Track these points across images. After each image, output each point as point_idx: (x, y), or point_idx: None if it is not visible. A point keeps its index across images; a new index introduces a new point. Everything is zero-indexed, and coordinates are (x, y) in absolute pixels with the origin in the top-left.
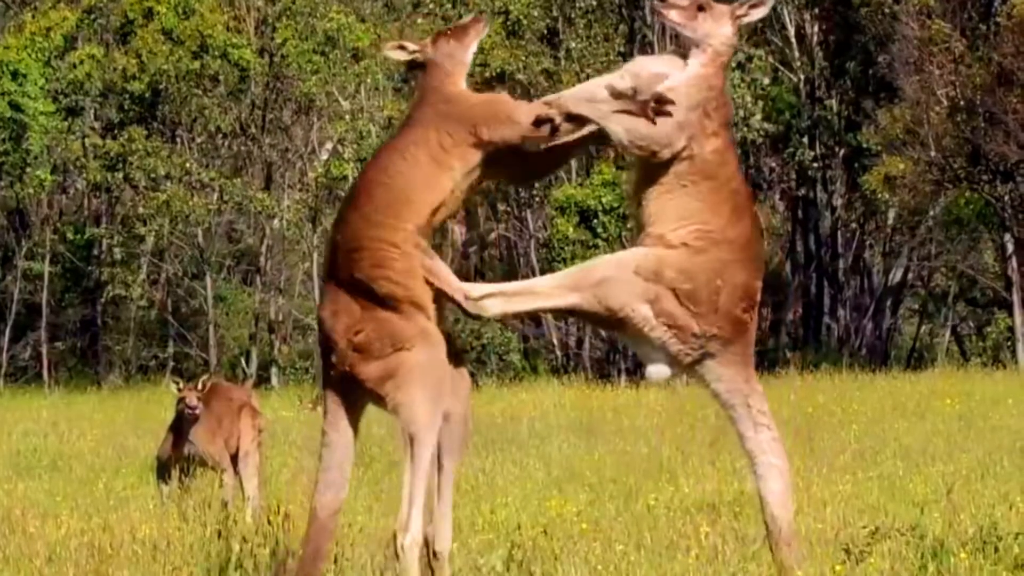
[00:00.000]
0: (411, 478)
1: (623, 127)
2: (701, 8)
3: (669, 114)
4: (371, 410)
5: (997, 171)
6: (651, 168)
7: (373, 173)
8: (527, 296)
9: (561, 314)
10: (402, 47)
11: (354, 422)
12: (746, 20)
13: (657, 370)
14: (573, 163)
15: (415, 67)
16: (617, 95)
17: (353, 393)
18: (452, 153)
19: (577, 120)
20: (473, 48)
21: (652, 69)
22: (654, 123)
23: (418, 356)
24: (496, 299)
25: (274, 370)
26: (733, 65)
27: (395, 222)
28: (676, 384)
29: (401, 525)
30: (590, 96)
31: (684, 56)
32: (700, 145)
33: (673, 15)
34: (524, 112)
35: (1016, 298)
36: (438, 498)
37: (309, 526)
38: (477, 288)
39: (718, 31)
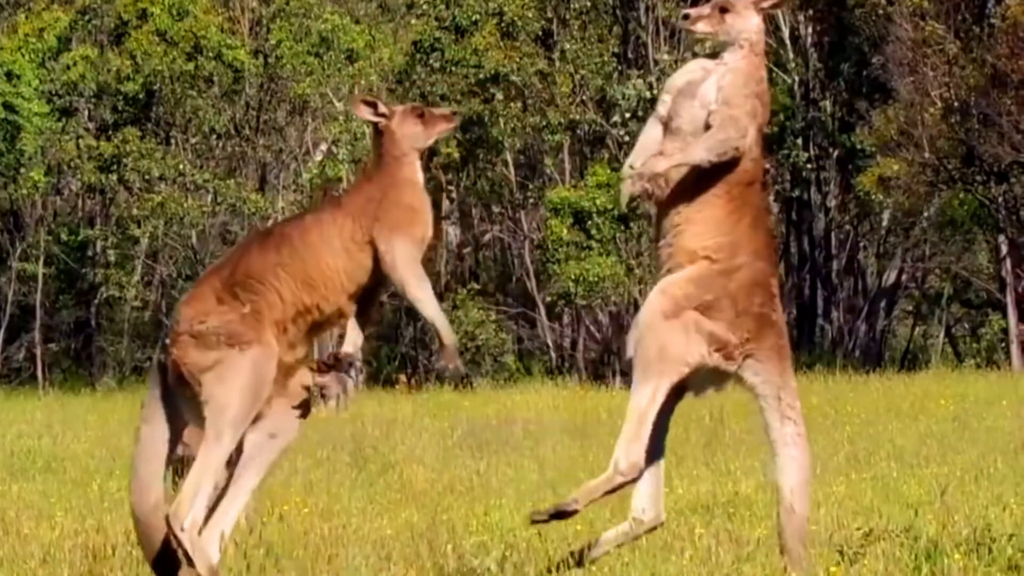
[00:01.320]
0: (200, 471)
1: (704, 150)
2: (724, 10)
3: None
4: (370, 410)
5: (991, 172)
6: (687, 179)
7: (294, 231)
8: (640, 420)
9: (674, 403)
10: (373, 106)
11: (171, 419)
12: (768, 5)
13: (704, 393)
14: (567, 165)
15: (377, 130)
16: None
17: (175, 388)
18: (363, 249)
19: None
20: (435, 138)
21: (682, 80)
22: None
23: (247, 357)
24: (623, 446)
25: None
26: None
27: (288, 280)
28: None
29: (179, 514)
30: (658, 151)
31: (713, 56)
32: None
33: (701, 26)
34: (412, 266)
35: (1010, 299)
36: (225, 507)
37: (136, 529)
38: (621, 459)
39: (748, 25)
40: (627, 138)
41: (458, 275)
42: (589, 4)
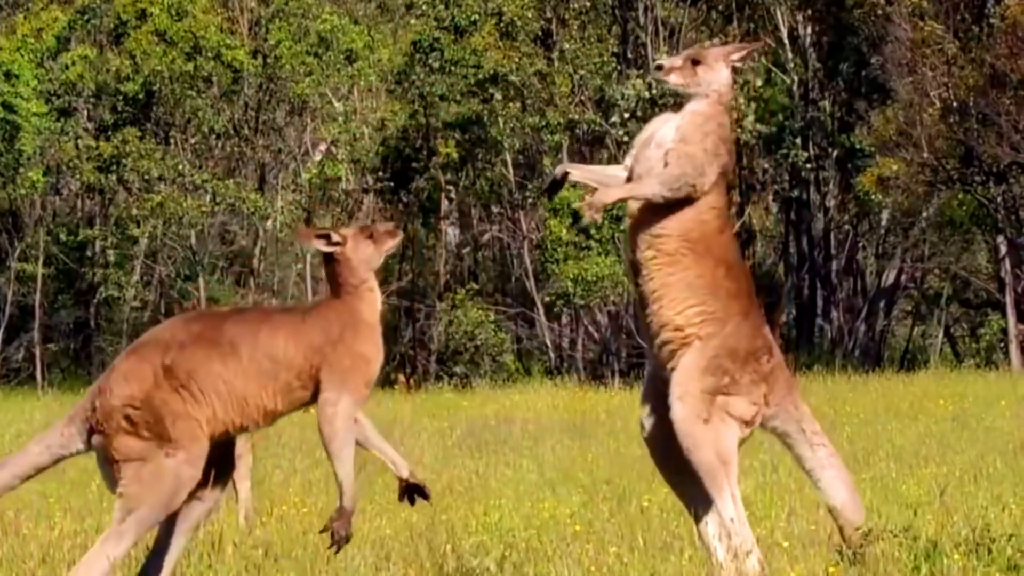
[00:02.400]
0: (94, 559)
1: (657, 183)
2: (696, 62)
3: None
4: (369, 411)
5: (990, 172)
6: (651, 230)
7: (244, 347)
8: (742, 524)
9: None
10: (326, 237)
11: (56, 455)
12: (737, 58)
13: None
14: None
15: (328, 258)
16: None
17: (96, 440)
18: (306, 387)
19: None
20: (385, 255)
21: (647, 132)
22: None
23: (171, 465)
24: (747, 558)
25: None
26: None
27: (225, 399)
28: None
29: None
30: (612, 182)
31: (679, 107)
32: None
33: (674, 78)
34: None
35: (1009, 299)
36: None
37: None
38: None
39: (718, 77)
40: (626, 138)
41: (457, 275)
42: (588, 4)
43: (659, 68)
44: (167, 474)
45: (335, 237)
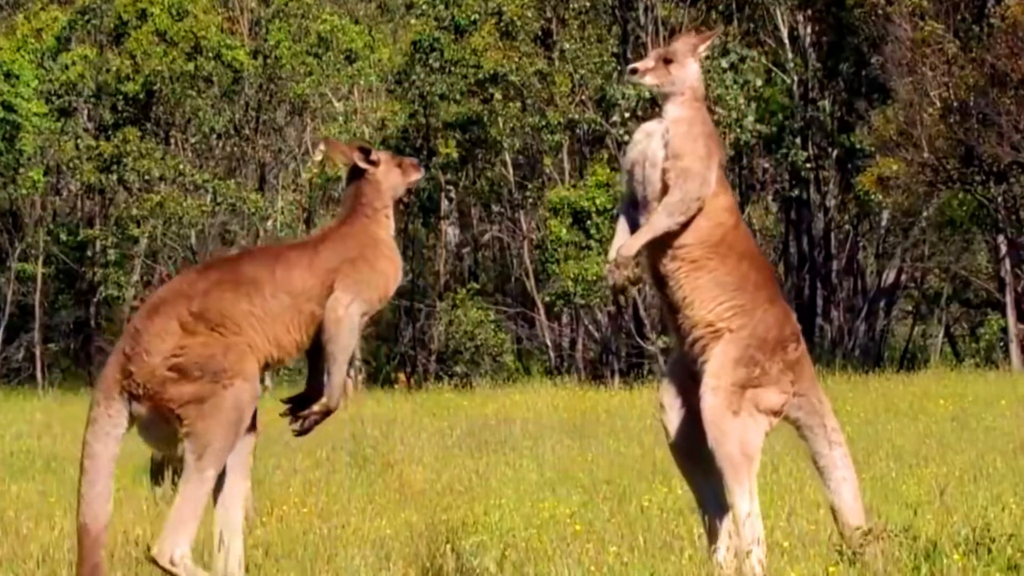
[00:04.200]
0: (184, 505)
1: (666, 216)
2: (668, 60)
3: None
4: (369, 410)
5: (990, 172)
6: (672, 245)
7: (266, 283)
8: (755, 518)
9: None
10: (366, 153)
11: (118, 437)
12: (703, 49)
13: None
14: (566, 165)
15: (353, 175)
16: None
17: (140, 413)
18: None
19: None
20: (407, 187)
21: (633, 152)
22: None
23: (231, 394)
24: (754, 551)
25: (267, 371)
26: (726, 66)
27: (260, 331)
28: None
29: (163, 549)
30: (631, 237)
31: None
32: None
33: (649, 79)
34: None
35: (1009, 299)
36: (226, 520)
37: (81, 543)
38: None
39: (689, 73)
40: (626, 138)
41: (457, 275)
42: (588, 4)
43: (633, 72)
44: (229, 401)
45: (373, 155)
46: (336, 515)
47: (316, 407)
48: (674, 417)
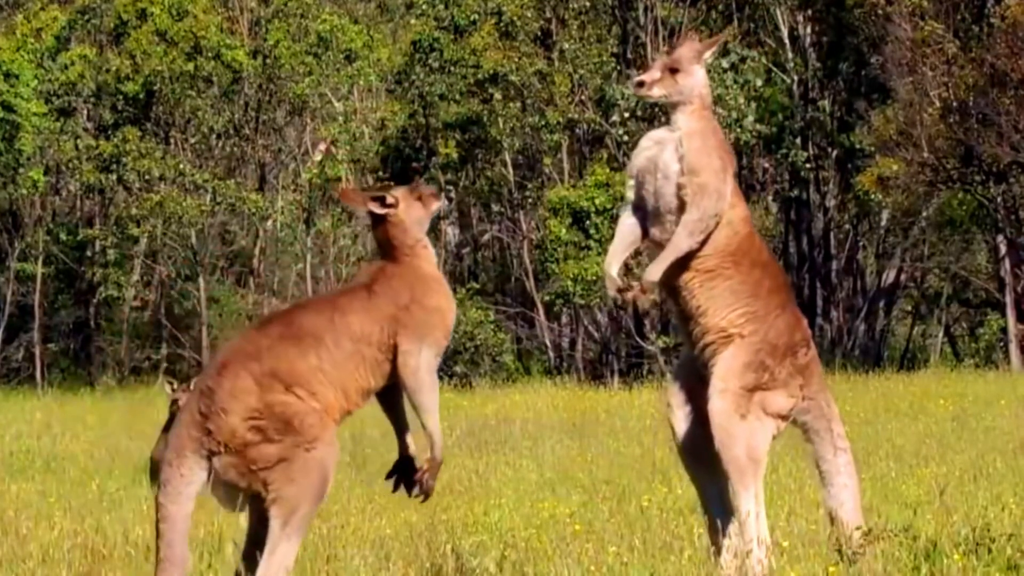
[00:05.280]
0: (272, 572)
1: (687, 235)
2: (674, 70)
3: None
4: (368, 411)
5: (990, 172)
6: (687, 257)
7: (327, 335)
8: (756, 520)
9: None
10: (380, 200)
11: (192, 495)
12: (708, 56)
13: None
14: (566, 165)
15: (376, 220)
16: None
17: (217, 465)
18: (389, 358)
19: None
20: (431, 216)
21: (641, 159)
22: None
23: (315, 458)
24: (754, 552)
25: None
26: (727, 66)
27: (328, 386)
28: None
29: None
30: (653, 262)
31: (666, 120)
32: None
33: (657, 91)
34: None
35: (1009, 299)
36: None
37: None
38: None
39: (696, 80)
40: (626, 138)
41: (457, 275)
42: (588, 4)
43: (640, 84)
44: (314, 466)
45: (389, 199)
46: (336, 515)
47: (426, 466)
48: (681, 416)
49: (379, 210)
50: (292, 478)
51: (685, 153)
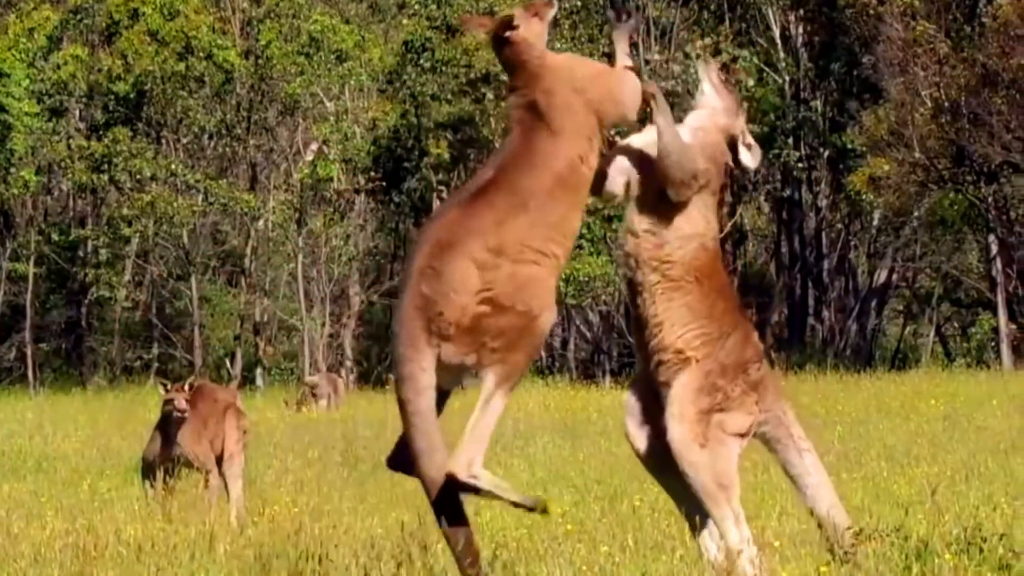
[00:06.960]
0: (487, 421)
1: (666, 125)
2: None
3: None
4: (361, 410)
5: (981, 172)
6: (658, 259)
7: (528, 188)
8: (743, 544)
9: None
10: (507, 24)
11: (435, 386)
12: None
13: None
14: None
15: (500, 43)
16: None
17: (446, 350)
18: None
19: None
20: (547, 24)
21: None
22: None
23: (541, 323)
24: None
25: (259, 371)
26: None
27: (547, 237)
28: None
29: (465, 461)
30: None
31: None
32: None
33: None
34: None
35: (1000, 299)
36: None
37: (436, 500)
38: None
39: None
40: (619, 139)
41: None
42: (579, 4)
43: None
44: (539, 332)
45: (516, 21)
46: (327, 515)
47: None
48: (641, 436)
49: (505, 32)
50: (518, 345)
51: (686, 120)
